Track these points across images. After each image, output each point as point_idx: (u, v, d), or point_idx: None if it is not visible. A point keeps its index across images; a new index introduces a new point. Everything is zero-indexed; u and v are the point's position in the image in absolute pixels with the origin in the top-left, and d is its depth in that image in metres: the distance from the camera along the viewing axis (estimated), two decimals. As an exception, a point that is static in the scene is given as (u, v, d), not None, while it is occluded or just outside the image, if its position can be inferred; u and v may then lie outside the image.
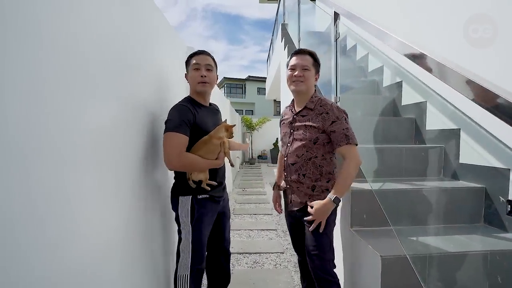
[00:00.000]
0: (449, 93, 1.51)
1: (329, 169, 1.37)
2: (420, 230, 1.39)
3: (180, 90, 2.01)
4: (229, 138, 1.47)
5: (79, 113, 0.81)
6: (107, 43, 0.98)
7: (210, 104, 1.55)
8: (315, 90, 1.49)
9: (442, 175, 1.71)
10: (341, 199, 1.28)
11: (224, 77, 26.65)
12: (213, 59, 1.47)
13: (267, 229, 3.29)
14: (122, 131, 1.08)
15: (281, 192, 1.67)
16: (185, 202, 1.39)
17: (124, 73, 1.10)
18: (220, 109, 1.70)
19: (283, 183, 1.60)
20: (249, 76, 26.79)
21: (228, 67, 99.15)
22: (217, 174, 1.48)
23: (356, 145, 1.33)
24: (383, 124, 2.07)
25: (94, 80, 0.89)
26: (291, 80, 1.41)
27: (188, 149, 1.33)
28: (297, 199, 1.42)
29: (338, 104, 1.87)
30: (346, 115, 1.37)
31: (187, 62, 1.46)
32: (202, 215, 1.39)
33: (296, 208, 1.43)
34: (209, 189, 1.40)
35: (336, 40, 1.85)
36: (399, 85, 2.22)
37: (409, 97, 2.10)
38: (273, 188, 1.66)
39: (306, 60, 1.39)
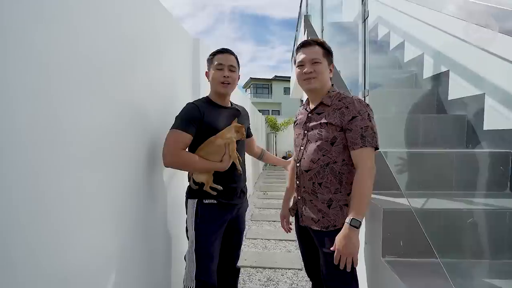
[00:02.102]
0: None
1: (352, 179, 1.11)
2: (483, 267, 1.02)
3: (186, 86, 1.85)
4: (240, 139, 1.35)
5: (80, 113, 0.81)
6: (109, 42, 0.96)
7: (231, 104, 1.49)
8: (332, 84, 1.23)
9: (509, 189, 1.30)
10: (361, 220, 1.01)
11: (251, 78, 26.72)
12: (237, 59, 1.41)
13: (285, 240, 3.00)
14: (124, 131, 1.06)
15: (290, 204, 1.40)
16: (192, 205, 1.33)
17: (127, 72, 1.08)
18: (245, 110, 1.59)
19: (292, 202, 1.36)
20: (276, 76, 26.52)
21: (255, 67, 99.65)
22: (229, 177, 1.35)
23: (376, 148, 1.07)
24: (424, 124, 1.69)
25: (96, 79, 0.88)
26: (302, 78, 1.20)
27: (196, 149, 1.31)
28: (309, 213, 1.18)
29: (367, 99, 1.54)
30: (371, 110, 1.11)
31: (209, 60, 1.39)
32: (206, 221, 1.30)
33: (307, 225, 1.20)
34: (215, 193, 1.31)
35: (364, 20, 1.52)
36: (444, 75, 1.82)
37: (458, 89, 1.69)
38: (290, 212, 1.39)
39: (315, 52, 1.17)
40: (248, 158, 1.74)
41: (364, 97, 1.57)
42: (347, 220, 1.03)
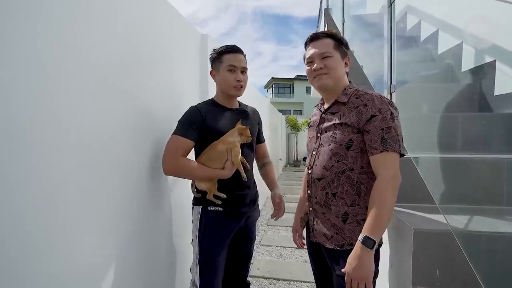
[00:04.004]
0: None
1: (371, 188, 0.94)
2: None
3: (193, 86, 1.76)
4: (246, 142, 1.21)
5: (82, 116, 0.80)
6: (112, 42, 0.93)
7: (240, 105, 1.39)
8: (350, 81, 1.08)
9: None
10: (376, 240, 0.85)
11: (272, 78, 26.60)
12: (245, 57, 1.31)
13: (303, 248, 2.81)
14: (127, 134, 1.02)
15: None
16: (196, 213, 1.25)
17: (130, 72, 1.04)
18: (256, 111, 1.46)
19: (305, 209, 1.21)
20: (297, 75, 26.13)
21: (277, 67, 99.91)
22: (237, 184, 1.24)
23: (401, 154, 0.93)
24: (464, 124, 1.43)
25: (98, 80, 0.86)
26: (311, 76, 1.07)
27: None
28: (321, 228, 1.05)
29: (393, 96, 1.34)
30: (395, 109, 0.96)
31: (218, 59, 1.26)
32: (211, 230, 1.21)
33: (318, 241, 1.06)
34: (219, 202, 1.20)
35: (391, 4, 1.31)
36: (489, 67, 1.54)
37: (508, 82, 1.42)
38: (300, 222, 1.26)
39: (325, 45, 1.04)
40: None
41: (391, 93, 1.37)
42: (360, 237, 0.88)
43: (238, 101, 1.39)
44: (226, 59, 1.24)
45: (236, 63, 1.23)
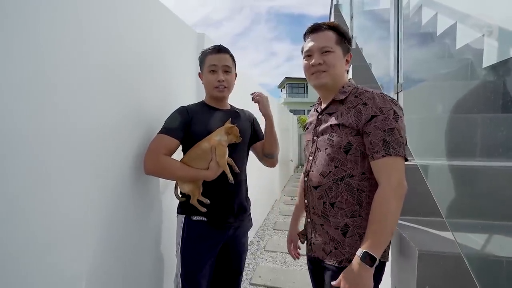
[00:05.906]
0: None
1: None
2: None
3: (190, 86, 1.70)
4: (235, 142, 1.13)
5: (78, 114, 0.81)
6: (106, 44, 0.93)
7: (231, 106, 1.33)
8: (350, 79, 0.99)
9: None
10: (376, 256, 0.76)
11: (286, 77, 26.39)
12: (232, 57, 1.25)
13: (299, 259, 2.69)
14: (117, 135, 1.00)
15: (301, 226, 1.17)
16: (179, 222, 1.18)
17: (124, 74, 1.03)
18: (250, 114, 1.39)
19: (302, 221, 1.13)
20: (311, 74, 25.74)
21: (291, 67, 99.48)
22: (223, 190, 1.15)
23: (405, 159, 0.83)
24: (483, 127, 1.27)
25: (93, 81, 0.86)
26: (309, 72, 0.98)
27: None
28: (319, 241, 0.95)
29: (400, 96, 1.21)
30: (399, 108, 0.85)
31: (202, 61, 1.23)
32: (193, 242, 1.14)
33: (317, 257, 0.96)
34: (204, 209, 1.11)
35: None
36: (515, 62, 1.37)
37: (536, 79, 1.24)
38: (299, 237, 1.16)
39: (326, 39, 0.94)
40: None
41: (397, 93, 1.24)
42: (358, 252, 0.78)
43: (230, 105, 1.32)
44: (208, 60, 1.20)
45: (216, 62, 1.18)
